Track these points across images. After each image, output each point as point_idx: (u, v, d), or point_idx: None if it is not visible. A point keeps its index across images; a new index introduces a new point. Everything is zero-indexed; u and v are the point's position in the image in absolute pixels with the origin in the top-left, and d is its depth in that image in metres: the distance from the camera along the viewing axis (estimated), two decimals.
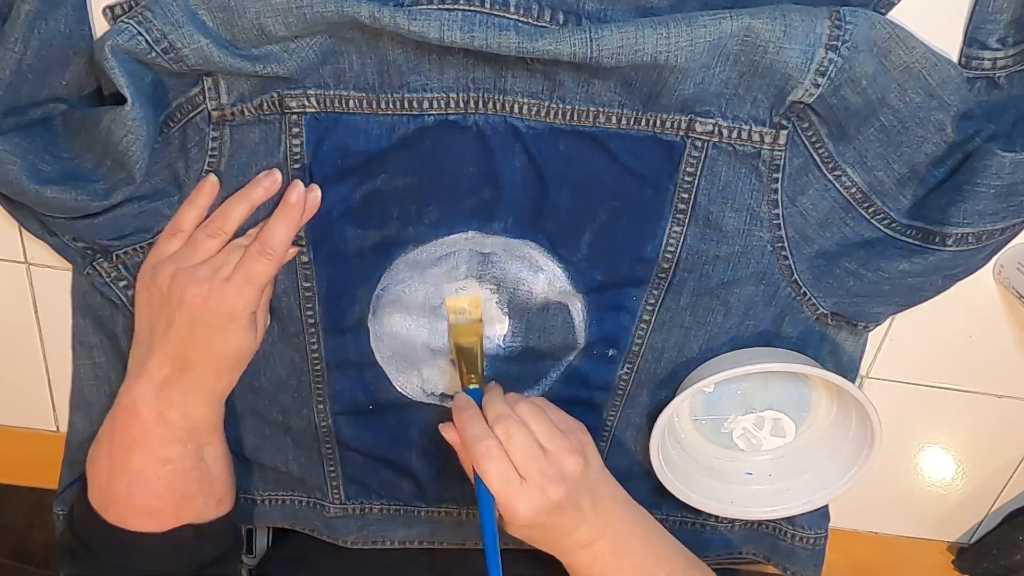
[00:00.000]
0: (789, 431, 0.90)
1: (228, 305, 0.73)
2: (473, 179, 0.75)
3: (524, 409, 0.75)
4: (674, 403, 0.82)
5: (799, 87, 0.66)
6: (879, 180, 0.72)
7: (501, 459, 0.71)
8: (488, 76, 0.70)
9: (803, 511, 0.89)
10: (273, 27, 0.65)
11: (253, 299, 0.74)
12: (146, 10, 0.64)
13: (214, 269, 0.74)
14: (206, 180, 0.74)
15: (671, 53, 0.64)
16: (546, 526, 0.74)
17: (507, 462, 0.72)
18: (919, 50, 0.65)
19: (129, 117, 0.66)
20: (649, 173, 0.73)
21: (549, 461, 0.73)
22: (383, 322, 0.82)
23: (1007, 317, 0.84)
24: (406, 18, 0.63)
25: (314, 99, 0.71)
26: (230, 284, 0.73)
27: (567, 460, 0.73)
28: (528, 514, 0.72)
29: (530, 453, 0.72)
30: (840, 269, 0.77)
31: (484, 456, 0.71)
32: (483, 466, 0.71)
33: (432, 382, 0.86)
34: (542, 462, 0.72)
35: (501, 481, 0.71)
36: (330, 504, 0.96)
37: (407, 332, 0.83)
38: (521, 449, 0.72)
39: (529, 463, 0.72)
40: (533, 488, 0.71)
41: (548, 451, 0.73)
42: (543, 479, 0.72)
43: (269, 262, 0.74)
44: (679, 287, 0.79)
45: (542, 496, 0.71)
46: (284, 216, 0.74)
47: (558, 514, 0.73)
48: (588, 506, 0.76)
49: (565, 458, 0.73)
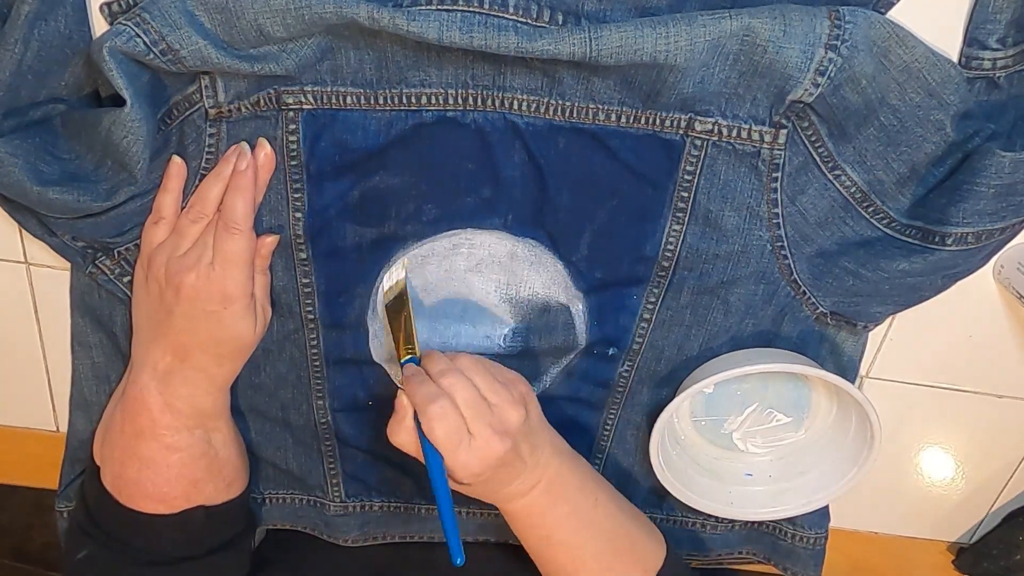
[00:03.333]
0: (789, 432, 0.90)
1: (217, 289, 0.73)
2: (472, 176, 0.75)
3: (465, 363, 0.75)
4: (673, 403, 0.82)
5: (799, 86, 0.66)
6: (879, 180, 0.72)
7: (452, 416, 0.71)
8: (487, 72, 0.70)
9: (803, 512, 0.89)
10: (271, 28, 0.65)
11: (241, 281, 0.74)
12: (143, 12, 0.64)
13: (198, 255, 0.74)
14: (172, 162, 0.73)
15: (670, 52, 0.64)
16: (488, 479, 0.74)
17: (457, 417, 0.71)
18: (919, 49, 0.65)
19: (129, 119, 0.66)
20: (649, 171, 0.73)
21: (494, 414, 0.73)
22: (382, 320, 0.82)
23: (1007, 317, 0.84)
24: (405, 19, 0.63)
25: (311, 96, 0.71)
26: (214, 268, 0.73)
27: (510, 412, 0.74)
28: (477, 467, 0.72)
29: (476, 406, 0.72)
30: (840, 268, 0.77)
31: (435, 416, 0.71)
32: (433, 427, 0.71)
33: None
34: (488, 415, 0.73)
35: (451, 439, 0.71)
36: (330, 502, 0.96)
37: None
38: (466, 403, 0.72)
39: (475, 417, 0.72)
40: (481, 442, 0.72)
41: (492, 404, 0.73)
42: (490, 432, 0.72)
43: (239, 238, 0.73)
44: (679, 286, 0.79)
45: (489, 449, 0.72)
46: (237, 187, 0.73)
47: (503, 466, 0.74)
48: (527, 454, 0.76)
49: (508, 410, 0.74)
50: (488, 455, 0.72)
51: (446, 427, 0.71)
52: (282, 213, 0.76)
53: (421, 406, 0.72)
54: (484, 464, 0.72)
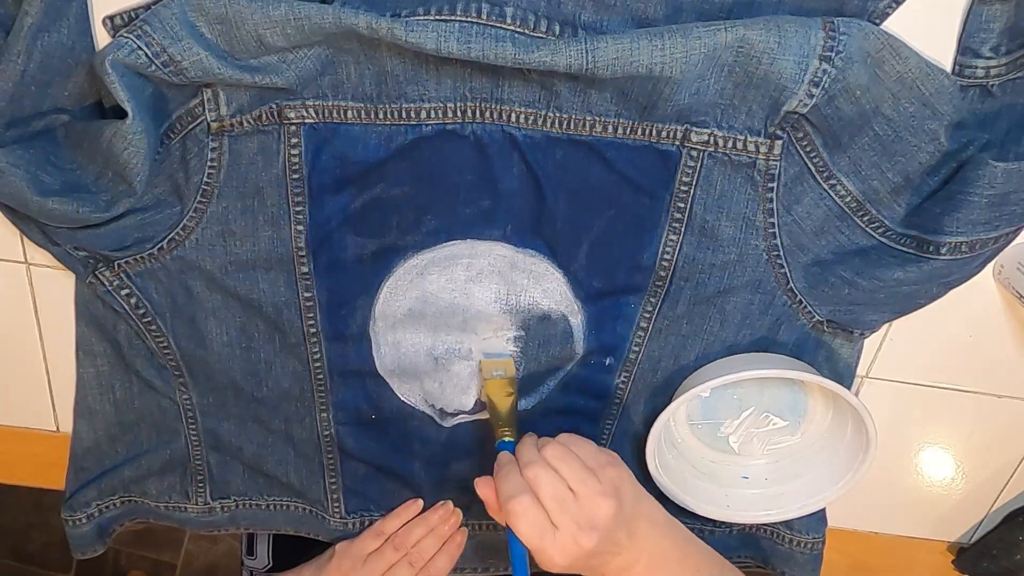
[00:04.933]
0: (785, 436, 0.90)
1: None
2: (471, 187, 0.75)
3: (551, 452, 0.74)
4: (670, 408, 0.82)
5: (793, 97, 0.66)
6: (874, 189, 0.72)
7: (533, 512, 0.71)
8: (485, 86, 0.70)
9: (799, 515, 0.90)
10: (271, 38, 0.65)
11: None
12: (145, 24, 0.64)
13: None
14: (416, 502, 0.95)
15: (666, 64, 0.64)
16: (581, 566, 0.74)
17: (539, 512, 0.71)
18: (912, 60, 0.65)
19: (130, 131, 0.66)
20: (645, 182, 0.74)
21: (580, 507, 0.72)
22: (385, 331, 0.83)
23: (1007, 317, 0.84)
24: (403, 29, 0.63)
25: (312, 110, 0.71)
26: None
27: (599, 505, 0.72)
28: (563, 561, 0.72)
29: (559, 500, 0.71)
30: (835, 277, 0.77)
31: (516, 512, 0.71)
32: (515, 522, 0.71)
33: (433, 394, 0.87)
34: (573, 509, 0.71)
35: (534, 534, 0.71)
36: (330, 518, 0.97)
37: (408, 341, 0.83)
38: (551, 497, 0.71)
39: (560, 512, 0.71)
40: (566, 536, 0.71)
41: (579, 495, 0.72)
42: (575, 527, 0.71)
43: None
44: (676, 295, 0.79)
45: (575, 544, 0.71)
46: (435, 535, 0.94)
47: (594, 557, 0.73)
48: (624, 538, 0.75)
49: (597, 502, 0.72)
50: (572, 550, 0.71)
51: (528, 523, 0.71)
52: (284, 227, 0.77)
53: (504, 500, 0.72)
54: (568, 558, 0.71)
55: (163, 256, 0.78)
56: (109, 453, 0.92)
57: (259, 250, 0.78)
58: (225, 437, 0.91)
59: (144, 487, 0.95)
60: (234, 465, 0.94)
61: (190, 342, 0.84)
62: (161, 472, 0.94)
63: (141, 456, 0.93)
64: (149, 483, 0.94)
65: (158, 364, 0.87)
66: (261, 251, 0.78)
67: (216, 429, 0.91)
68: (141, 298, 0.81)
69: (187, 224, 0.77)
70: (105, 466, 0.93)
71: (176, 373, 0.87)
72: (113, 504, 0.95)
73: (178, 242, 0.78)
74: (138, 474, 0.93)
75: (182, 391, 0.88)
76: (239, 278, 0.80)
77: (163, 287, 0.81)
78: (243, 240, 0.77)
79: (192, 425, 0.91)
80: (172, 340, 0.84)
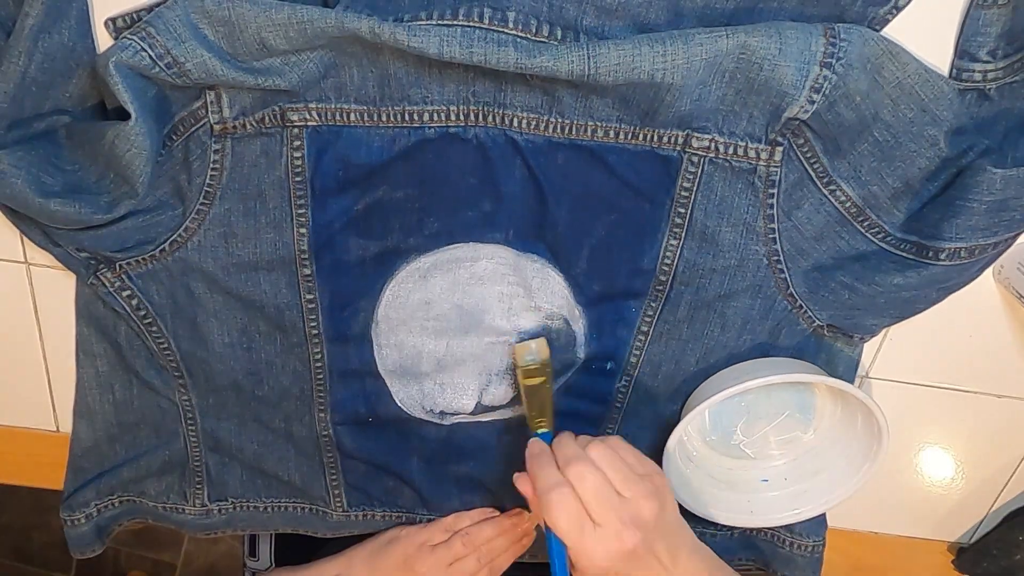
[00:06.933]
0: (798, 434, 0.90)
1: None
2: (474, 191, 0.75)
3: (597, 452, 0.73)
4: (680, 426, 0.82)
5: (794, 103, 0.66)
6: (873, 194, 0.72)
7: (573, 505, 0.69)
8: (488, 90, 0.70)
9: (823, 510, 0.89)
10: (274, 41, 0.65)
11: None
12: (149, 26, 0.64)
13: None
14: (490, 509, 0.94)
15: (667, 71, 0.64)
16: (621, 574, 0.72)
17: (579, 506, 0.69)
18: (912, 66, 0.66)
19: (133, 132, 0.66)
20: (646, 187, 0.74)
21: (624, 505, 0.70)
22: (387, 333, 0.83)
23: (1007, 317, 0.84)
24: (406, 33, 0.63)
25: (315, 112, 0.71)
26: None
27: (643, 504, 0.71)
28: (604, 558, 0.69)
29: (604, 496, 0.70)
30: (835, 282, 0.77)
31: (555, 505, 0.69)
32: (553, 515, 0.69)
33: (432, 398, 0.86)
34: (617, 506, 0.70)
35: (573, 527, 0.69)
36: (333, 511, 0.97)
37: (410, 343, 0.83)
38: (595, 493, 0.69)
39: (604, 507, 0.69)
40: (608, 531, 0.69)
41: (623, 496, 0.71)
42: (619, 523, 0.69)
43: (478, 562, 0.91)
44: (676, 300, 0.80)
45: (618, 540, 0.69)
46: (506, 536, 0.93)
47: (634, 561, 0.71)
48: (664, 554, 0.73)
49: (641, 503, 0.71)
50: (615, 546, 0.69)
51: (567, 515, 0.69)
52: (286, 229, 0.77)
53: (542, 492, 0.70)
54: (610, 555, 0.69)
55: (165, 257, 0.78)
56: (108, 453, 0.92)
57: (261, 252, 0.78)
58: (225, 438, 0.91)
59: (143, 487, 0.95)
60: (233, 467, 0.94)
61: (191, 343, 0.84)
62: (160, 473, 0.94)
63: (140, 457, 0.93)
64: (148, 484, 0.95)
65: (158, 365, 0.87)
66: (263, 253, 0.78)
67: (215, 430, 0.91)
68: (142, 299, 0.81)
69: (189, 226, 0.77)
70: (104, 466, 0.93)
71: (176, 374, 0.87)
72: (112, 504, 0.95)
73: (180, 244, 0.78)
74: (137, 475, 0.93)
75: (182, 392, 0.88)
76: (241, 280, 0.80)
77: (164, 288, 0.81)
78: (245, 242, 0.77)
79: (191, 426, 0.91)
80: (173, 341, 0.84)
